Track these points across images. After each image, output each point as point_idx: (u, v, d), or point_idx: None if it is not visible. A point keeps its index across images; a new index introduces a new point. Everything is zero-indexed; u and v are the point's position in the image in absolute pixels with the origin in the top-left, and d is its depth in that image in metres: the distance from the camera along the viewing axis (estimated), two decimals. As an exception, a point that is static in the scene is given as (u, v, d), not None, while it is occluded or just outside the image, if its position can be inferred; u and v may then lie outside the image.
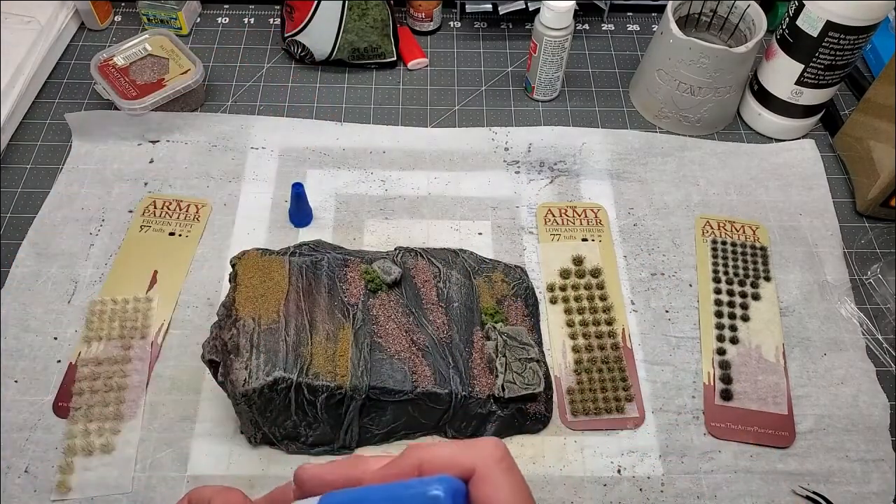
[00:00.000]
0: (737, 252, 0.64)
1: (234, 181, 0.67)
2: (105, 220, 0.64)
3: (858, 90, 0.77)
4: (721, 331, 0.59)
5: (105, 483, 0.51)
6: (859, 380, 0.57)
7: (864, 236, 0.67)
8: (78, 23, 0.81)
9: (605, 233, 0.65)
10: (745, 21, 0.70)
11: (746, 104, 0.74)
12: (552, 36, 0.69)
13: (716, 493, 0.52)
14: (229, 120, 0.71)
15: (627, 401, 0.55)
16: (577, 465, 0.53)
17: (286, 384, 0.47)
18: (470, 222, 0.66)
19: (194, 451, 0.52)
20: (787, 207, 0.68)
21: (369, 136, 0.71)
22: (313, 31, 0.74)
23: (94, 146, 0.69)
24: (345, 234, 0.64)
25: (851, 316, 0.61)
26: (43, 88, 0.75)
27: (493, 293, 0.58)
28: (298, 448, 0.52)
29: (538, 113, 0.75)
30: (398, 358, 0.51)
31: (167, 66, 0.72)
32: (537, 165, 0.70)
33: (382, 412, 0.51)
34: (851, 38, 0.64)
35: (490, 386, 0.53)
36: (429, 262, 0.58)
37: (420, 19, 0.81)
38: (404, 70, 0.79)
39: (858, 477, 0.53)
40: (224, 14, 0.84)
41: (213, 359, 0.48)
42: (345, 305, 0.52)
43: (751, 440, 0.54)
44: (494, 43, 0.82)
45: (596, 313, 0.60)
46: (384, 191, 0.67)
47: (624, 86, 0.78)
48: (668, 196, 0.68)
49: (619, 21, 0.85)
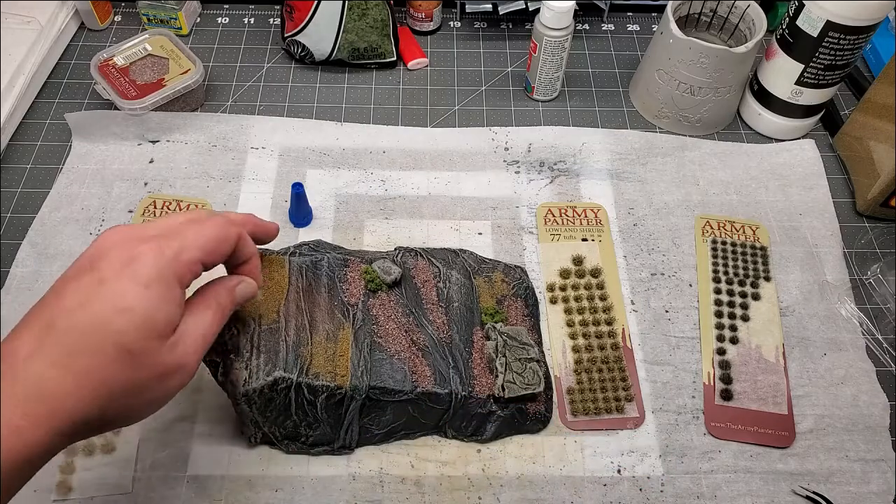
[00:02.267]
0: (737, 252, 0.64)
1: (234, 181, 0.68)
2: (105, 220, 0.64)
3: (858, 90, 0.77)
4: (721, 331, 0.59)
5: (105, 483, 0.51)
6: (859, 380, 0.57)
7: (864, 236, 0.67)
8: (78, 23, 0.81)
9: (605, 233, 0.65)
10: (745, 21, 0.70)
11: (746, 104, 0.74)
12: (552, 36, 0.69)
13: (716, 493, 0.52)
14: (229, 120, 0.71)
15: (627, 401, 0.55)
16: (577, 465, 0.53)
17: (286, 384, 0.47)
18: (470, 222, 0.66)
19: (194, 451, 0.52)
20: (787, 207, 0.68)
21: (369, 136, 0.71)
22: (313, 31, 0.74)
23: (93, 146, 0.69)
24: (345, 234, 0.64)
25: (851, 316, 0.61)
26: (43, 88, 0.75)
27: (493, 293, 0.58)
28: (298, 448, 0.52)
29: (538, 113, 0.75)
30: (398, 358, 0.51)
31: (167, 66, 0.72)
32: (537, 165, 0.70)
33: (382, 412, 0.51)
34: (851, 38, 0.64)
35: (490, 386, 0.53)
36: (429, 262, 0.58)
37: (420, 19, 0.81)
38: (404, 70, 0.79)
39: (858, 477, 0.53)
40: (224, 14, 0.84)
41: (213, 359, 0.48)
42: (345, 305, 0.52)
43: (751, 440, 0.54)
44: (494, 43, 0.82)
45: (596, 313, 0.60)
46: (384, 191, 0.67)
47: (624, 86, 0.78)
48: (668, 196, 0.68)
49: (619, 21, 0.85)
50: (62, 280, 0.37)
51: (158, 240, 0.38)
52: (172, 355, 0.37)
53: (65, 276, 0.38)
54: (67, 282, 0.37)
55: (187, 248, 0.38)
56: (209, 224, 0.40)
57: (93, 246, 0.38)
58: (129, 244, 0.37)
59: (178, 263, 0.38)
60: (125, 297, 0.36)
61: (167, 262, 0.37)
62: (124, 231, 0.38)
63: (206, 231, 0.40)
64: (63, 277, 0.38)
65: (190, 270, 0.39)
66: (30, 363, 0.34)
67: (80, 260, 0.38)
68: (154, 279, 0.36)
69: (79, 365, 0.35)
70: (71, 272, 0.38)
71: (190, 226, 0.40)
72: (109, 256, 0.37)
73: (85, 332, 0.35)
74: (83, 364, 0.35)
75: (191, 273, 0.39)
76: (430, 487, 0.51)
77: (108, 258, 0.37)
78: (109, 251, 0.37)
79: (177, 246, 0.38)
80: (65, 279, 0.37)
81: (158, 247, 0.37)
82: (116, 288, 0.36)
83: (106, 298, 0.35)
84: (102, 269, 0.36)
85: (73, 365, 0.35)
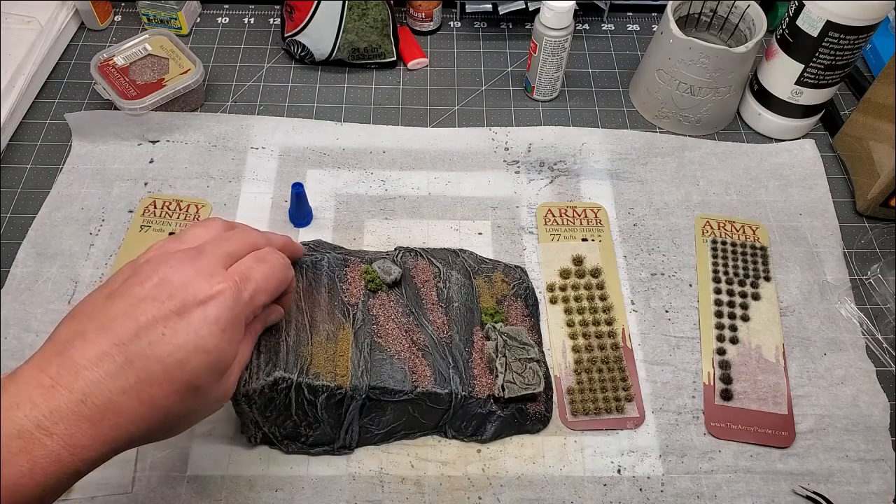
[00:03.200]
0: (737, 252, 0.64)
1: (233, 181, 0.67)
2: (105, 220, 0.64)
3: (858, 90, 0.77)
4: (721, 331, 0.59)
5: (105, 483, 0.51)
6: (859, 380, 0.57)
7: (864, 236, 0.67)
8: (78, 23, 0.81)
9: (605, 233, 0.65)
10: (745, 21, 0.70)
11: (746, 104, 0.74)
12: (552, 36, 0.69)
13: (716, 493, 0.52)
14: (229, 120, 0.71)
15: (627, 401, 0.55)
16: (577, 465, 0.53)
17: (286, 384, 0.47)
18: (470, 222, 0.66)
19: (194, 451, 0.52)
20: (787, 207, 0.68)
21: (369, 136, 0.71)
22: (313, 31, 0.74)
23: (93, 146, 0.69)
24: (345, 234, 0.64)
25: (851, 316, 0.61)
26: (43, 88, 0.75)
27: (493, 293, 0.58)
28: (298, 448, 0.52)
29: (538, 113, 0.75)
30: (398, 358, 0.51)
31: (167, 66, 0.72)
32: (537, 165, 0.70)
33: (382, 412, 0.51)
34: (851, 38, 0.64)
35: (490, 386, 0.53)
36: (429, 262, 0.58)
37: (420, 19, 0.81)
38: (404, 70, 0.79)
39: (858, 477, 0.53)
40: (224, 14, 0.84)
41: (213, 359, 0.48)
42: (345, 305, 0.52)
43: (751, 440, 0.54)
44: (494, 43, 0.82)
45: (596, 313, 0.60)
46: (384, 191, 0.67)
47: (624, 86, 0.78)
48: (668, 196, 0.68)
49: (619, 21, 0.85)
50: (129, 300, 0.37)
51: (235, 280, 0.39)
52: (224, 386, 0.39)
53: (131, 296, 0.37)
54: (138, 305, 0.37)
55: (259, 293, 0.40)
56: (274, 265, 0.42)
57: (160, 270, 0.38)
58: (205, 278, 0.38)
59: (249, 308, 0.40)
60: (203, 337, 0.36)
61: (242, 306, 0.39)
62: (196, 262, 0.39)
63: (274, 274, 0.42)
64: (129, 296, 0.37)
65: (255, 313, 0.41)
66: (99, 382, 0.35)
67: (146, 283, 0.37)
68: (230, 323, 0.38)
69: (152, 393, 0.36)
70: (138, 294, 0.37)
71: (258, 266, 0.41)
72: (187, 290, 0.37)
73: (164, 364, 0.36)
74: (156, 393, 0.36)
75: (255, 314, 0.41)
76: (430, 487, 0.51)
77: (186, 291, 0.37)
78: (186, 285, 0.37)
79: (252, 290, 0.40)
80: (133, 300, 0.37)
81: (237, 290, 0.39)
82: (196, 326, 0.36)
83: (186, 336, 0.36)
84: (180, 302, 0.37)
85: (147, 393, 0.35)
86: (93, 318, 0.37)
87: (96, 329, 0.36)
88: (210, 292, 0.37)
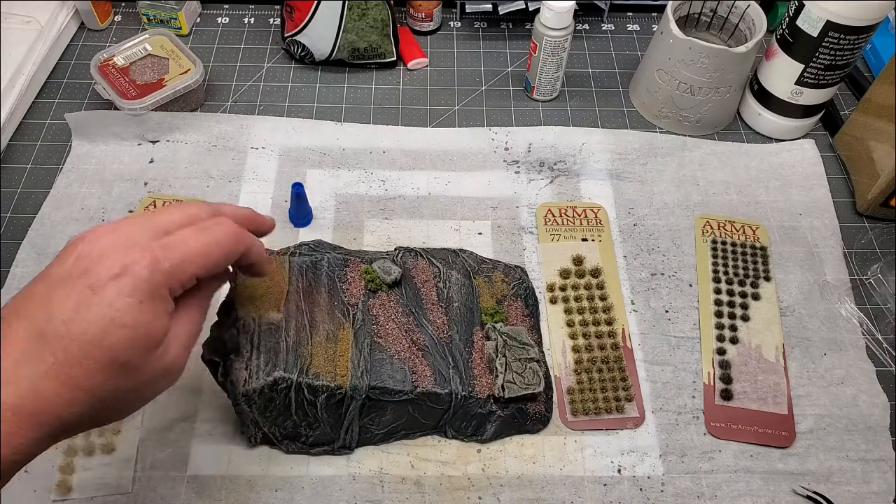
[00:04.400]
0: (737, 252, 0.64)
1: (234, 181, 0.68)
2: (105, 220, 0.64)
3: (858, 90, 0.77)
4: (721, 331, 0.59)
5: (105, 483, 0.51)
6: (859, 380, 0.57)
7: (864, 236, 0.67)
8: (78, 23, 0.81)
9: (605, 233, 0.65)
10: (745, 21, 0.70)
11: (746, 104, 0.74)
12: (552, 36, 0.69)
13: (716, 492, 0.52)
14: (229, 120, 0.71)
15: (627, 401, 0.55)
16: (577, 464, 0.53)
17: (286, 384, 0.47)
18: (470, 222, 0.66)
19: (194, 451, 0.52)
20: (787, 207, 0.68)
21: (369, 136, 0.71)
22: (313, 31, 0.74)
23: (93, 146, 0.69)
24: (345, 234, 0.64)
25: (851, 316, 0.61)
26: (43, 88, 0.75)
27: (493, 293, 0.58)
28: (298, 448, 0.52)
29: (538, 113, 0.75)
30: (398, 358, 0.51)
31: (167, 66, 0.72)
32: (537, 165, 0.70)
33: (382, 412, 0.51)
34: (851, 38, 0.64)
35: (490, 386, 0.53)
36: (429, 262, 0.58)
37: (420, 19, 0.81)
38: (404, 70, 0.79)
39: (858, 477, 0.53)
40: (224, 14, 0.84)
41: (213, 359, 0.48)
42: (345, 305, 0.52)
43: (751, 440, 0.54)
44: (494, 43, 0.82)
45: (596, 313, 0.60)
46: (384, 191, 0.67)
47: (624, 86, 0.78)
48: (668, 196, 0.68)
49: (619, 21, 0.85)
50: (47, 282, 0.36)
51: (154, 249, 0.36)
52: (162, 361, 0.37)
53: (49, 278, 0.36)
54: (55, 286, 0.35)
55: (186, 263, 0.37)
56: (217, 235, 0.38)
57: (79, 246, 0.36)
58: (122, 250, 0.35)
59: (172, 279, 0.36)
60: (119, 311, 0.34)
61: (163, 276, 0.36)
62: (115, 233, 0.37)
63: (217, 244, 0.38)
64: (48, 279, 0.36)
65: (184, 284, 0.38)
66: (21, 370, 0.34)
67: (66, 261, 0.36)
68: (148, 295, 0.35)
69: (72, 374, 0.34)
70: (56, 274, 0.36)
71: (194, 235, 0.38)
72: (102, 262, 0.35)
73: (79, 343, 0.34)
74: (77, 373, 0.34)
75: (185, 286, 0.38)
76: (430, 487, 0.51)
77: (100, 264, 0.35)
78: (101, 256, 0.35)
79: (176, 259, 0.36)
80: (50, 281, 0.36)
81: (154, 258, 0.35)
82: (110, 300, 0.34)
83: (100, 310, 0.34)
84: (93, 276, 0.35)
85: (66, 374, 0.34)
86: (16, 303, 0.36)
87: (14, 314, 0.35)
88: (125, 262, 0.35)
